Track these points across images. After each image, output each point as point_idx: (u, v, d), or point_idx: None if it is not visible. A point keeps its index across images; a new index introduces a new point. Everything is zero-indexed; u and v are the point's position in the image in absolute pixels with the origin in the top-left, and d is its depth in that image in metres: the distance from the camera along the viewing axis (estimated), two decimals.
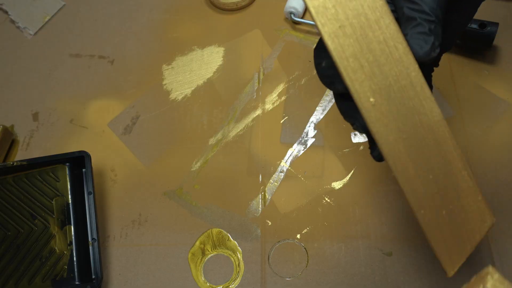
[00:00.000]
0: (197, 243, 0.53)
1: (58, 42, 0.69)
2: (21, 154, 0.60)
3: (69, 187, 0.54)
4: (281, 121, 0.60)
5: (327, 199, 0.54)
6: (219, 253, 0.52)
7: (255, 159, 0.58)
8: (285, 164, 0.57)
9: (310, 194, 0.55)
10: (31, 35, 0.70)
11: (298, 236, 0.53)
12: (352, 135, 0.58)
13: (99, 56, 0.67)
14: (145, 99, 0.63)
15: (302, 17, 0.67)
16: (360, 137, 0.58)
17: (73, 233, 0.52)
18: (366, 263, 0.50)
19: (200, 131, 0.60)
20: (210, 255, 0.52)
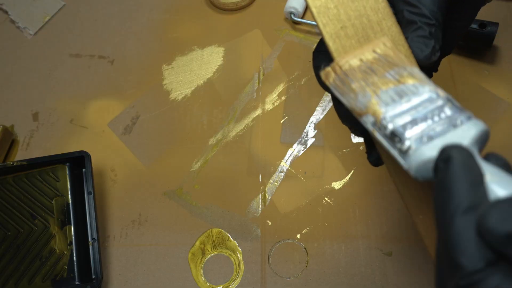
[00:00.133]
0: (197, 243, 0.53)
1: (58, 42, 0.69)
2: (21, 154, 0.60)
3: (69, 187, 0.54)
4: (281, 121, 0.60)
5: (327, 199, 0.54)
6: (219, 253, 0.52)
7: (255, 159, 0.58)
8: (285, 164, 0.57)
9: (310, 194, 0.55)
10: (31, 35, 0.70)
11: (298, 236, 0.53)
12: (352, 135, 0.58)
13: (99, 56, 0.67)
14: (145, 99, 0.63)
15: (302, 17, 0.67)
16: (361, 137, 0.58)
17: (73, 233, 0.52)
18: (366, 263, 0.50)
19: (200, 131, 0.60)
20: (210, 255, 0.52)
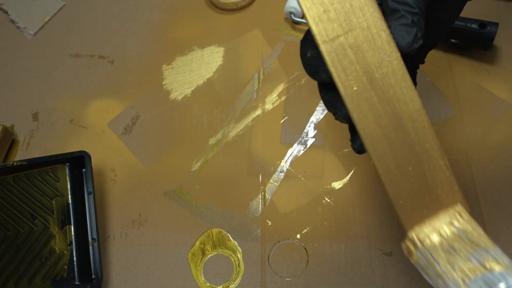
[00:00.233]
0: (197, 243, 0.53)
1: (58, 42, 0.69)
2: (21, 154, 0.60)
3: (69, 187, 0.54)
4: (281, 121, 0.60)
5: (327, 199, 0.54)
6: (219, 253, 0.52)
7: (255, 159, 0.58)
8: (285, 164, 0.57)
9: (310, 194, 0.55)
10: (31, 35, 0.70)
11: (298, 236, 0.53)
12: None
13: (99, 56, 0.67)
14: (145, 99, 0.63)
15: (302, 17, 0.67)
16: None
17: (73, 233, 0.52)
18: (366, 263, 0.50)
19: (200, 131, 0.60)
20: (210, 255, 0.52)
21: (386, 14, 0.34)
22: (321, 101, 0.61)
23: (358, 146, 0.37)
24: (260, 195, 0.55)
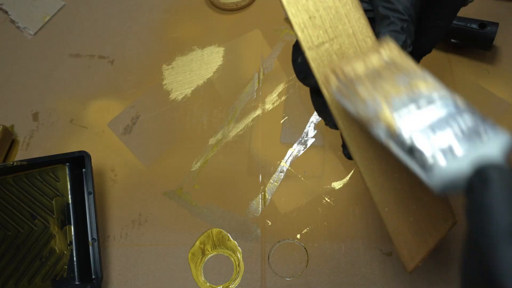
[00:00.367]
0: (197, 243, 0.53)
1: (58, 42, 0.69)
2: (21, 154, 0.60)
3: (69, 187, 0.54)
4: (281, 121, 0.60)
5: (327, 199, 0.54)
6: (219, 253, 0.52)
7: (255, 159, 0.58)
8: (285, 164, 0.57)
9: (310, 194, 0.55)
10: (31, 35, 0.70)
11: (298, 236, 0.53)
12: None
13: (99, 56, 0.67)
14: (145, 99, 0.63)
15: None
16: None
17: (73, 233, 0.52)
18: (366, 263, 0.50)
19: (200, 131, 0.60)
20: (210, 255, 0.52)
21: (377, 20, 0.34)
22: None
23: (348, 151, 0.37)
24: (260, 195, 0.55)
